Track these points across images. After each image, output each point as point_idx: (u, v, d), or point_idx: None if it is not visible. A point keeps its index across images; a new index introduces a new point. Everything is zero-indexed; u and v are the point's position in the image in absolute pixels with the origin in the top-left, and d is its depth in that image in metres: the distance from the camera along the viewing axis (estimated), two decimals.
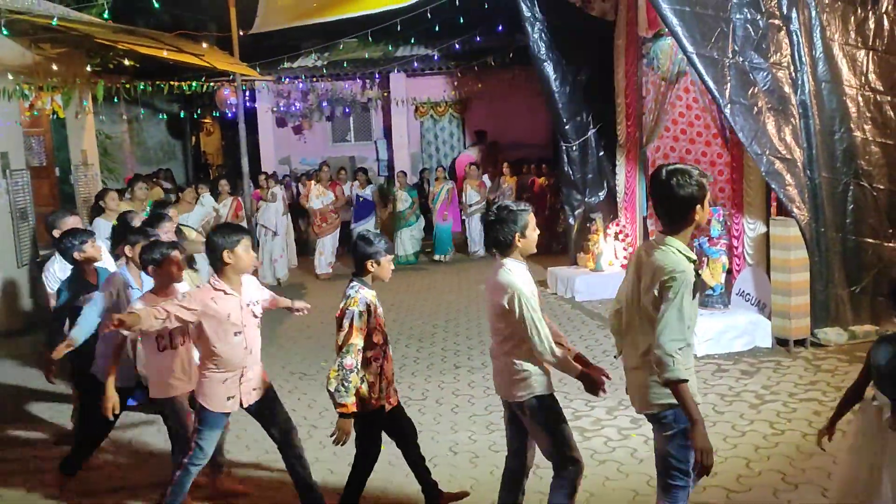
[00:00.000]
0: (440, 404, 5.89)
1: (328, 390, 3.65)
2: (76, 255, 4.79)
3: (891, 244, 6.89)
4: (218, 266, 3.81)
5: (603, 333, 7.81)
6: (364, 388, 3.74)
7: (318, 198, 11.78)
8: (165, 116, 17.29)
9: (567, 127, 10.06)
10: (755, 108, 6.55)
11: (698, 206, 3.01)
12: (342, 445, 3.68)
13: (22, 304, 9.72)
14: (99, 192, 9.36)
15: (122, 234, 5.05)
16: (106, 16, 9.21)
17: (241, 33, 12.17)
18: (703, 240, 7.44)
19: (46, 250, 10.76)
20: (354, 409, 3.64)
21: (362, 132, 16.56)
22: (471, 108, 15.92)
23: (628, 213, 9.95)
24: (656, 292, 2.96)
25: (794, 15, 6.67)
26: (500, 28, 13.64)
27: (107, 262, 5.41)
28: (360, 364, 3.66)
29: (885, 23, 6.87)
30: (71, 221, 5.94)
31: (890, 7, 6.88)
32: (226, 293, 3.78)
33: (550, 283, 10.06)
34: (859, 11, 6.85)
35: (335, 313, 3.77)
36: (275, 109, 15.82)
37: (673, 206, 3.03)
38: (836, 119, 6.76)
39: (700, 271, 7.43)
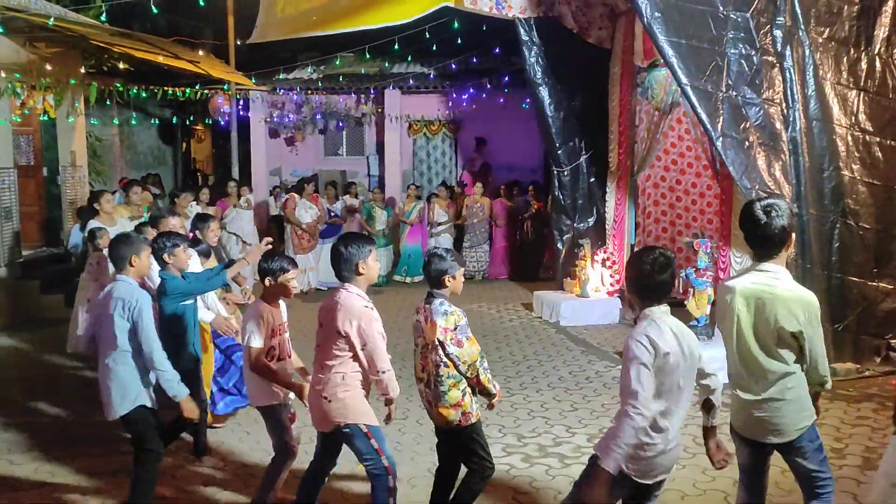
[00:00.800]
0: (420, 424, 5.84)
1: (489, 392, 3.88)
2: (166, 256, 4.83)
3: (875, 283, 6.93)
4: (349, 276, 3.81)
5: (587, 359, 7.80)
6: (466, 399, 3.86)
7: (307, 211, 11.60)
8: (157, 122, 17.23)
9: (559, 152, 10.11)
10: (746, 143, 6.60)
11: (793, 235, 3.26)
12: None
13: (2, 304, 9.61)
14: (93, 193, 9.31)
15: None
16: (103, 18, 9.19)
17: (238, 42, 12.18)
18: (689, 271, 7.47)
19: (30, 250, 10.68)
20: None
21: (354, 147, 16.56)
22: (464, 127, 15.95)
23: (616, 240, 9.97)
24: (801, 319, 3.18)
25: (788, 52, 6.74)
26: (497, 50, 13.74)
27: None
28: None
29: (877, 64, 6.95)
30: (172, 223, 5.94)
31: (882, 49, 6.96)
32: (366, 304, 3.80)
33: (536, 306, 10.05)
34: (852, 52, 6.93)
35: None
36: (268, 120, 15.79)
37: (770, 236, 3.23)
38: (825, 157, 6.81)
39: (685, 303, 7.50)
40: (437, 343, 3.76)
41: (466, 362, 3.76)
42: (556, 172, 10.29)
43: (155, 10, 7.27)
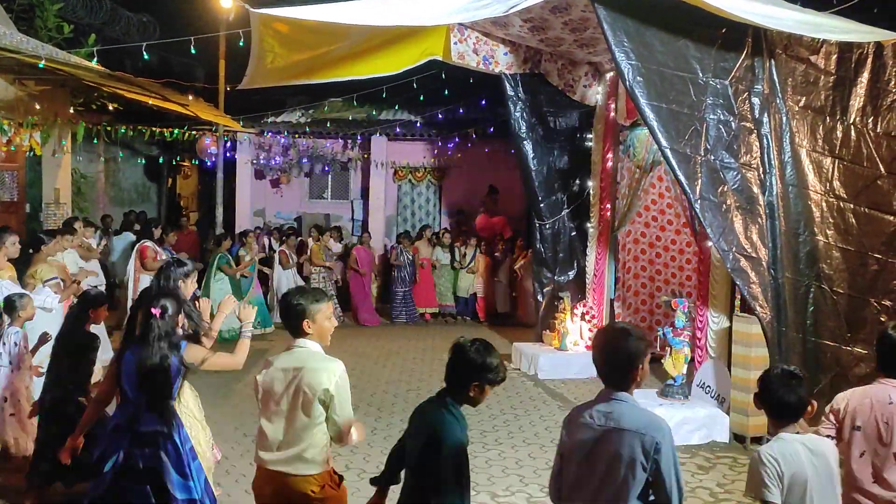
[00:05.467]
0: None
1: None
2: None
3: (848, 348, 7.00)
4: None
5: (563, 414, 7.77)
6: None
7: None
8: (144, 161, 17.28)
9: (542, 205, 10.23)
10: (724, 206, 6.72)
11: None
12: None
13: None
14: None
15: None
16: (94, 62, 9.27)
17: (228, 88, 12.30)
18: (667, 329, 7.53)
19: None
20: None
21: (339, 191, 16.65)
22: (449, 176, 16.11)
23: (596, 294, 10.04)
24: None
25: (765, 119, 6.90)
26: (483, 102, 13.96)
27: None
28: None
29: (852, 133, 7.12)
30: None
31: (857, 119, 7.14)
32: None
33: (514, 358, 10.05)
34: (828, 121, 7.10)
35: None
36: (254, 161, 15.88)
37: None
38: (801, 222, 6.93)
39: (663, 361, 7.55)
40: None
41: None
42: (538, 225, 10.39)
43: (146, 56, 7.33)
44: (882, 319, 6.96)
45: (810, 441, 3.06)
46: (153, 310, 3.96)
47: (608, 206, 9.89)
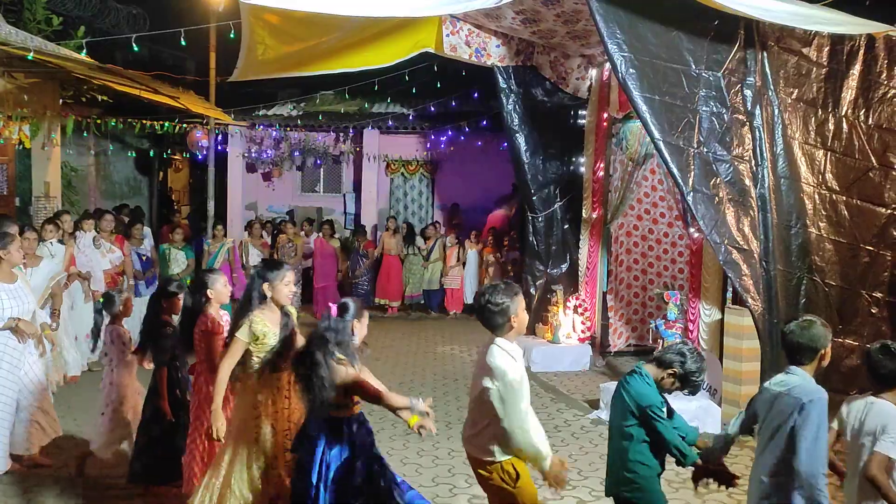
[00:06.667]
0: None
1: None
2: None
3: (839, 340, 7.02)
4: None
5: (556, 407, 7.81)
6: None
7: (104, 257, 9.07)
8: (134, 153, 17.18)
9: (534, 198, 10.21)
10: (716, 198, 6.72)
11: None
12: None
13: None
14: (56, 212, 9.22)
15: None
16: (84, 53, 9.19)
17: (219, 79, 12.23)
18: (659, 322, 7.55)
19: None
20: None
21: (332, 184, 16.62)
22: (442, 169, 16.09)
23: (589, 287, 10.04)
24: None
25: (757, 112, 6.90)
26: (476, 95, 13.93)
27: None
28: None
29: (844, 126, 7.13)
30: None
31: (849, 111, 7.16)
32: None
33: None
34: (820, 113, 7.11)
35: None
36: (245, 154, 15.82)
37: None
38: (793, 214, 6.94)
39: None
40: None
41: None
42: (530, 218, 10.38)
43: (136, 48, 7.28)
44: (873, 311, 7.00)
45: None
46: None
47: (600, 198, 9.89)
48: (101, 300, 5.64)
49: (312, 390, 3.66)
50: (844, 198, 7.10)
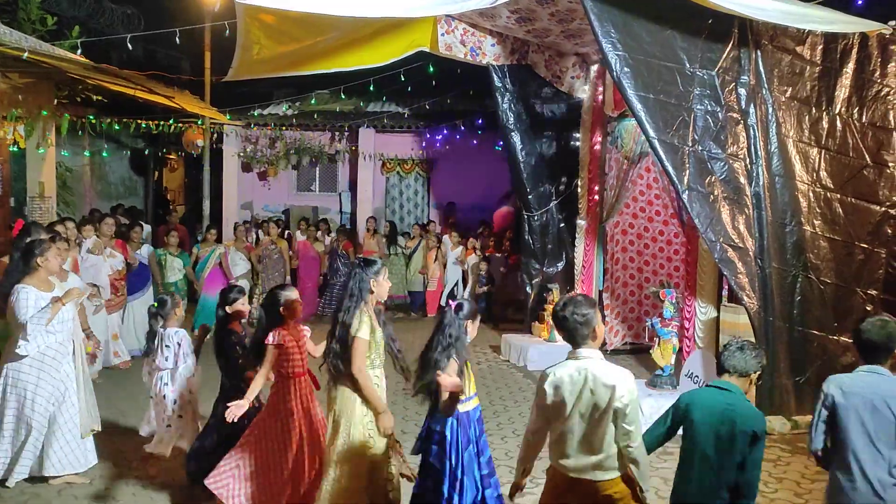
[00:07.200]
0: None
1: None
2: None
3: (835, 337, 7.05)
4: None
5: None
6: None
7: (107, 260, 8.87)
8: (129, 153, 17.15)
9: (530, 196, 10.22)
10: (711, 196, 6.74)
11: None
12: None
13: None
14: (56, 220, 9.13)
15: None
16: (79, 52, 9.17)
17: (214, 80, 12.21)
18: (655, 320, 7.56)
19: None
20: None
21: (327, 183, 16.60)
22: (437, 167, 16.09)
23: (585, 285, 10.06)
24: None
25: (751, 110, 6.93)
26: (471, 93, 13.92)
27: None
28: None
29: (838, 124, 7.16)
30: None
31: (842, 109, 7.18)
32: None
33: (504, 349, 10.07)
34: (814, 111, 7.14)
35: None
36: (241, 154, 15.80)
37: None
38: (787, 212, 6.97)
39: (651, 351, 7.58)
40: None
41: None
42: (526, 217, 10.39)
43: (130, 47, 7.27)
44: (868, 308, 7.02)
45: None
46: None
47: (596, 197, 9.91)
48: (155, 305, 5.60)
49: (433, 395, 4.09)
50: (839, 195, 7.13)
